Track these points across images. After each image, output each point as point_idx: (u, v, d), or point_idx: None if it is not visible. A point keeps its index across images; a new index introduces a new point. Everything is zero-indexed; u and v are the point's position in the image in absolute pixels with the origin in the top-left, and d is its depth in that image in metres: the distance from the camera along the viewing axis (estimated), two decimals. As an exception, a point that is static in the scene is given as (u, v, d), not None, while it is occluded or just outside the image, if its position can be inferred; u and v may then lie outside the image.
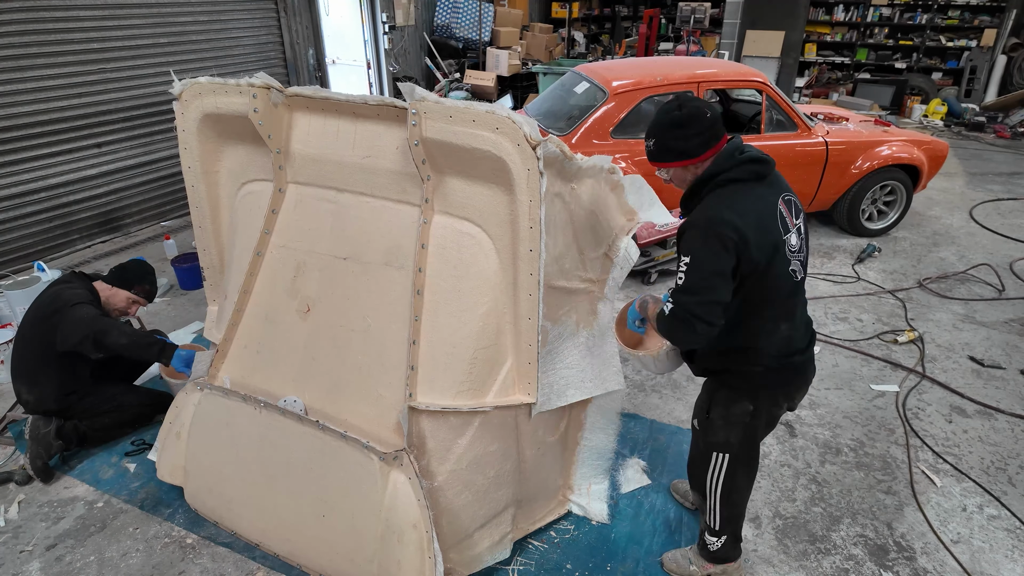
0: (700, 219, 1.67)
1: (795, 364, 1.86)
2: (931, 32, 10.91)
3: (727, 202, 1.66)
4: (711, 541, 2.16)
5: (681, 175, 1.78)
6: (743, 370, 1.85)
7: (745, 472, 2.04)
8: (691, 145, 1.70)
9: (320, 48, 7.42)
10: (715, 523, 2.11)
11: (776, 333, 1.79)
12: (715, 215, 1.64)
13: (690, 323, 1.66)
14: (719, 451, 1.98)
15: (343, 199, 2.31)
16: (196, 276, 4.21)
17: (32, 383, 2.78)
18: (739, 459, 1.98)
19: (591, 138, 4.45)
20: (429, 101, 1.91)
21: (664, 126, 1.72)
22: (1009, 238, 5.47)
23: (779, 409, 1.96)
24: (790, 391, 1.94)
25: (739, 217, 1.63)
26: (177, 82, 2.43)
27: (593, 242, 2.28)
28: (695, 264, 1.64)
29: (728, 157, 1.70)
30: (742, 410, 1.89)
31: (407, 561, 2.02)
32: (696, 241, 1.65)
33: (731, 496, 2.05)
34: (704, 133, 1.69)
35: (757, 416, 1.90)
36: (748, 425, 1.91)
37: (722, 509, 2.07)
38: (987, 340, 3.90)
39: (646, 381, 3.48)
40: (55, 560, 2.40)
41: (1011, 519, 2.59)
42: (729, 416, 1.91)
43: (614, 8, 14.08)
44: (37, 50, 4.60)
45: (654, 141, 1.75)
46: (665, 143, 1.72)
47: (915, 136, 5.25)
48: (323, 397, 2.32)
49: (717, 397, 1.94)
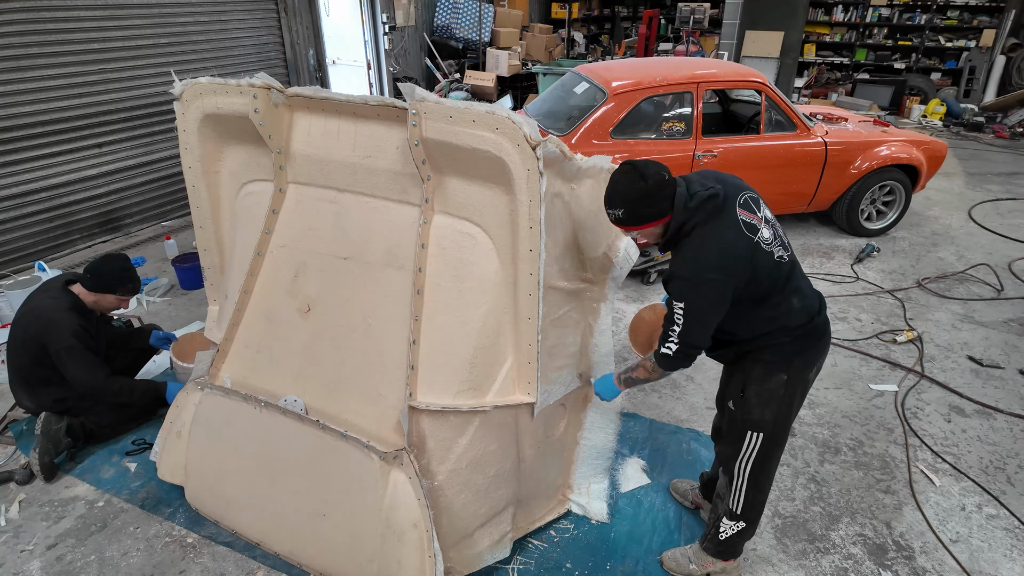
0: (684, 271, 1.83)
1: (817, 325, 1.98)
2: (930, 32, 10.92)
3: (701, 247, 1.82)
4: (727, 526, 2.17)
5: (654, 232, 1.91)
6: (774, 344, 1.96)
7: (776, 453, 2.09)
8: (662, 207, 1.82)
9: (320, 48, 7.42)
10: (738, 507, 2.13)
11: (792, 309, 1.93)
12: (696, 265, 1.82)
13: (691, 356, 1.89)
14: (754, 430, 2.02)
15: (344, 199, 2.32)
16: (197, 276, 4.22)
17: (31, 392, 2.82)
18: (773, 438, 2.04)
19: (591, 138, 4.45)
20: (429, 101, 1.92)
21: (633, 199, 1.81)
22: (1008, 238, 5.48)
23: (808, 373, 2.04)
24: (815, 355, 2.03)
25: (717, 256, 1.80)
26: (178, 82, 2.44)
27: (593, 242, 2.29)
28: (690, 311, 1.82)
29: (684, 210, 1.83)
30: (777, 382, 1.97)
31: (407, 560, 2.02)
32: (686, 290, 1.82)
33: (759, 479, 2.09)
34: (670, 193, 1.82)
35: (792, 386, 1.99)
36: (784, 397, 1.98)
37: (748, 492, 2.11)
38: (986, 340, 3.90)
39: (646, 381, 3.49)
40: (56, 559, 2.40)
41: (1010, 518, 2.60)
42: (764, 392, 1.99)
43: (614, 9, 14.09)
44: (38, 50, 4.60)
45: (623, 211, 1.84)
46: (637, 212, 1.83)
47: (914, 136, 5.25)
48: (323, 397, 2.32)
49: (752, 375, 2.01)
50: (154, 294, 4.44)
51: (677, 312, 1.83)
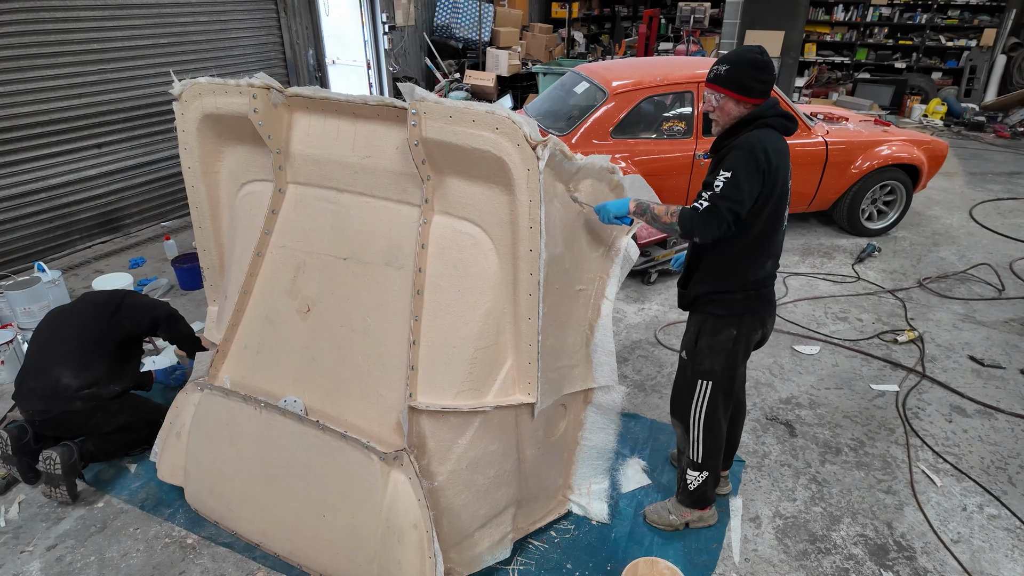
0: (745, 144, 1.93)
1: (766, 294, 2.17)
2: (931, 32, 10.91)
3: (765, 139, 1.95)
4: (692, 477, 2.36)
5: (729, 108, 2.01)
6: (726, 299, 2.12)
7: (725, 402, 2.28)
8: (758, 87, 1.95)
9: (320, 48, 7.42)
10: (697, 455, 2.33)
11: (763, 267, 2.10)
12: (757, 144, 1.92)
13: (718, 219, 1.91)
14: (704, 378, 2.22)
15: (343, 199, 2.32)
16: (196, 276, 4.21)
17: (82, 367, 2.67)
18: (720, 386, 2.23)
19: (591, 138, 4.45)
20: (429, 101, 1.92)
21: (744, 62, 1.94)
22: (1009, 238, 5.47)
23: (755, 334, 2.22)
24: (764, 317, 2.21)
25: (772, 153, 1.93)
26: (177, 82, 2.43)
27: (593, 242, 2.29)
28: (734, 178, 1.89)
29: (769, 108, 1.99)
30: (727, 336, 2.16)
31: (407, 561, 2.02)
32: (739, 160, 1.91)
33: (712, 427, 2.28)
34: (770, 83, 1.97)
35: (739, 341, 2.17)
36: (731, 351, 2.17)
37: (704, 440, 2.30)
38: (987, 340, 3.90)
39: (646, 381, 3.48)
40: (55, 560, 2.40)
41: (1011, 518, 2.59)
42: (714, 343, 2.17)
43: (614, 8, 14.08)
44: (37, 50, 4.60)
45: (728, 68, 1.95)
46: (739, 75, 1.94)
47: (915, 136, 5.25)
48: (323, 397, 2.32)
49: (705, 327, 2.19)
50: (154, 295, 4.44)
51: (721, 179, 1.90)
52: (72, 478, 2.63)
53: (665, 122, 4.74)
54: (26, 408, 2.68)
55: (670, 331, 4.00)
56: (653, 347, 3.82)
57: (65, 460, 2.58)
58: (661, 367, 3.61)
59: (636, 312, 4.24)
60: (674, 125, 4.73)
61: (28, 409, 2.67)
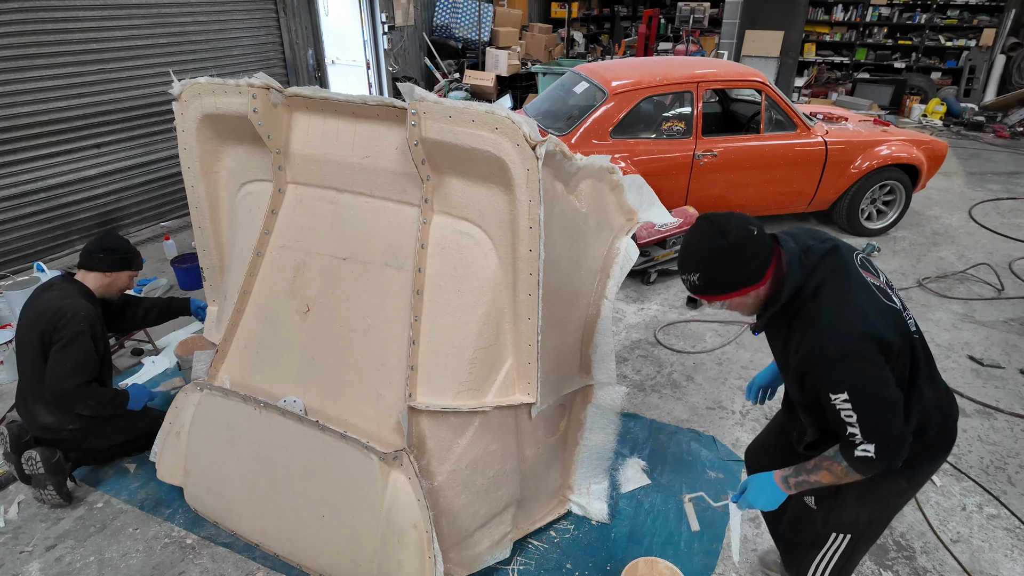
0: (828, 351, 1.43)
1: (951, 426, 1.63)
2: (930, 32, 10.92)
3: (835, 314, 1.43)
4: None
5: (745, 302, 1.56)
6: None
7: (865, 550, 1.75)
8: (752, 269, 1.48)
9: (320, 48, 7.41)
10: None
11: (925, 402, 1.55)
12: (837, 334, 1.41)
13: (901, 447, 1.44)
14: (842, 532, 1.68)
15: (343, 199, 2.31)
16: (196, 276, 4.22)
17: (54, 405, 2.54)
18: (863, 539, 1.69)
19: (590, 138, 4.45)
20: (428, 101, 1.91)
21: (712, 259, 1.47)
22: (1008, 237, 5.47)
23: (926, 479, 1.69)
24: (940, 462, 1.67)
25: (858, 323, 1.41)
26: (176, 82, 2.43)
27: (593, 242, 2.28)
28: (860, 398, 1.40)
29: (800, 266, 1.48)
30: (894, 488, 1.62)
31: (407, 561, 2.02)
32: (842, 375, 1.42)
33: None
34: (760, 252, 1.47)
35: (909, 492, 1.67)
36: (893, 504, 1.67)
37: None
38: (986, 339, 3.90)
39: (646, 381, 3.48)
40: (55, 560, 2.39)
41: (1010, 518, 2.59)
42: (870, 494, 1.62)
43: (613, 8, 14.08)
44: (37, 50, 4.59)
45: (699, 276, 1.49)
46: (718, 276, 1.48)
47: (914, 136, 5.25)
48: (323, 397, 2.32)
49: None
50: (153, 294, 4.43)
51: (846, 409, 1.40)
52: (58, 478, 2.55)
53: (665, 122, 4.75)
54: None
55: (670, 331, 4.00)
56: (653, 347, 3.82)
57: (47, 459, 2.51)
58: (661, 367, 3.61)
59: (636, 312, 4.24)
60: (674, 125, 4.74)
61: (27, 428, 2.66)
